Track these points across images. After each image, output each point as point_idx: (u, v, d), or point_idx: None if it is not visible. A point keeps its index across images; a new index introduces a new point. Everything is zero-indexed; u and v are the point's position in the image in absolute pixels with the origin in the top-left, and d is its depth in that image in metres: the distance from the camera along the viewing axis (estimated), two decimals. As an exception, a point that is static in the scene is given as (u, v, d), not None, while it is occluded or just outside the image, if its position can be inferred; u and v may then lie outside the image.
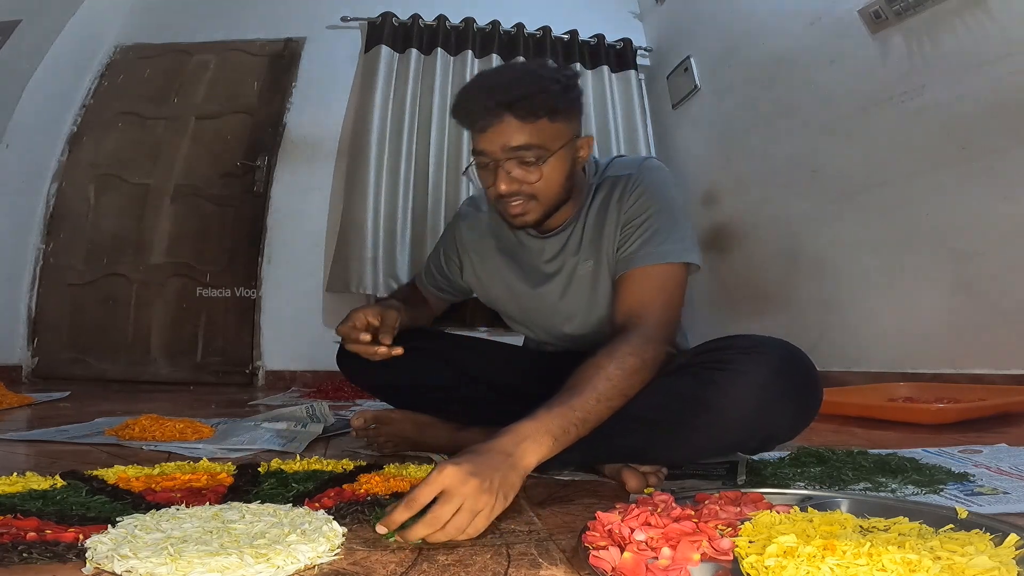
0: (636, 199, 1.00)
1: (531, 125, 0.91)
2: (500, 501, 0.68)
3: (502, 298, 1.18)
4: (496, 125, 0.91)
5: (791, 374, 0.84)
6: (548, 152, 0.93)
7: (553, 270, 1.09)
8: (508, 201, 0.96)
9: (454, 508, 0.64)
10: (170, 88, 3.27)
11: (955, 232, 2.01)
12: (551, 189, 0.97)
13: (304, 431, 1.46)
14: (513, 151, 0.92)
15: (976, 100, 1.91)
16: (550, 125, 0.92)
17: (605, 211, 1.03)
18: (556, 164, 0.95)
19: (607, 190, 1.04)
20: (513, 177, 0.94)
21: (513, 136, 0.91)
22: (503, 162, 0.93)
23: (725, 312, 3.04)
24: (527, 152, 0.92)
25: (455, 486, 0.65)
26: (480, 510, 0.66)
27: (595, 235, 1.04)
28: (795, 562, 0.51)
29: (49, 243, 3.08)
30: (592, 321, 1.10)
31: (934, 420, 1.53)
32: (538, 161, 0.93)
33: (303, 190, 3.14)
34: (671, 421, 0.85)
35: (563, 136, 0.95)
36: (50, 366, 2.99)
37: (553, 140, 0.93)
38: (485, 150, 0.94)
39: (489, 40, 3.30)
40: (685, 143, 3.33)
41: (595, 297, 1.07)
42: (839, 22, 2.34)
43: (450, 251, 1.23)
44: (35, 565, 0.57)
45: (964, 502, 0.80)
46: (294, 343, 3.00)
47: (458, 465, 0.66)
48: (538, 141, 0.92)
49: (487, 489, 0.66)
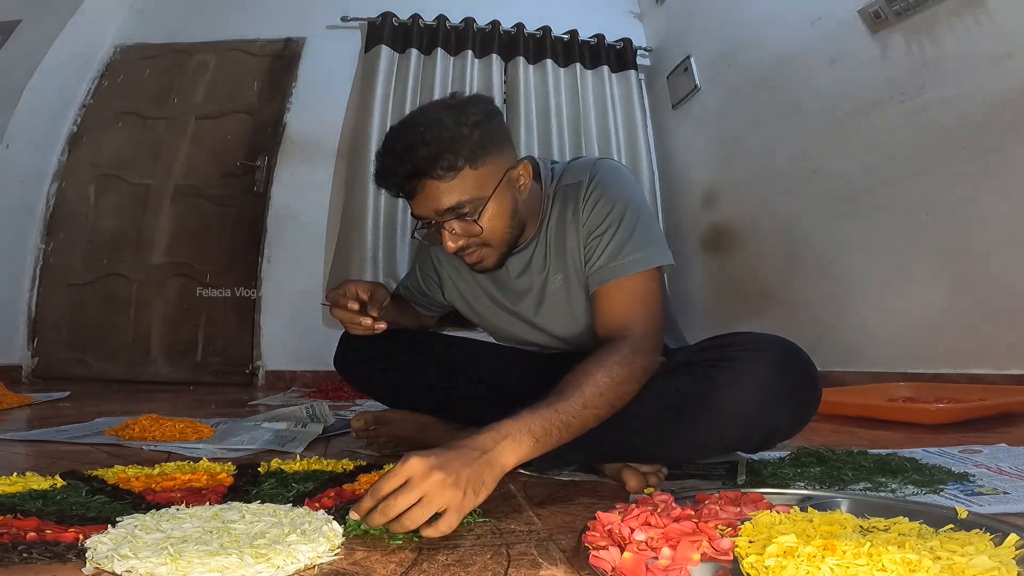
0: (593, 206, 0.96)
1: (455, 181, 0.87)
2: (469, 497, 0.66)
3: (486, 313, 1.15)
4: (421, 192, 0.88)
5: (791, 371, 0.84)
6: (483, 199, 0.90)
7: (523, 288, 1.08)
8: (462, 255, 0.95)
9: (411, 500, 0.63)
10: (170, 88, 3.27)
11: (955, 232, 2.01)
12: (498, 233, 0.94)
13: (304, 431, 1.46)
14: (447, 212, 0.89)
15: (976, 100, 1.90)
16: (474, 173, 0.88)
17: (564, 224, 1.00)
18: (496, 208, 0.91)
19: (562, 201, 1.01)
20: (457, 234, 0.92)
21: (441, 199, 0.88)
22: (443, 223, 0.91)
23: (725, 312, 3.04)
24: (461, 208, 0.89)
25: (417, 478, 0.64)
26: (445, 505, 0.64)
27: (559, 249, 1.01)
28: (795, 562, 0.51)
29: (49, 243, 3.09)
30: (574, 332, 1.08)
31: (934, 420, 1.53)
32: (475, 212, 0.90)
33: (303, 190, 3.14)
34: (672, 419, 0.86)
35: (494, 176, 0.90)
36: (50, 366, 2.99)
37: (483, 186, 0.89)
38: (422, 215, 0.92)
39: (489, 40, 3.30)
40: (685, 143, 3.32)
41: (571, 311, 1.05)
42: (839, 22, 2.33)
43: (427, 269, 1.20)
44: (35, 565, 0.57)
45: (964, 502, 0.80)
46: (294, 343, 3.00)
47: (425, 458, 0.65)
48: (468, 195, 0.88)
49: (452, 484, 0.65)
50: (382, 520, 0.64)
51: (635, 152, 3.28)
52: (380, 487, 0.65)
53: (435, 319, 1.31)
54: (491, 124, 0.91)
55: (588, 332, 1.06)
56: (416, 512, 0.63)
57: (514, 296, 1.09)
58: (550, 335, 1.11)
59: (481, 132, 0.88)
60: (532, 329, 1.12)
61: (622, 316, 0.91)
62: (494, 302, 1.12)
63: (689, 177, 3.24)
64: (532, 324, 1.11)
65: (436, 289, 1.20)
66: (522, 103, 3.21)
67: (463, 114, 0.89)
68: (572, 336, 1.09)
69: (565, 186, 1.01)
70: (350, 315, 0.97)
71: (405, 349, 1.18)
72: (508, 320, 1.13)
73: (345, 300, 0.97)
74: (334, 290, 1.00)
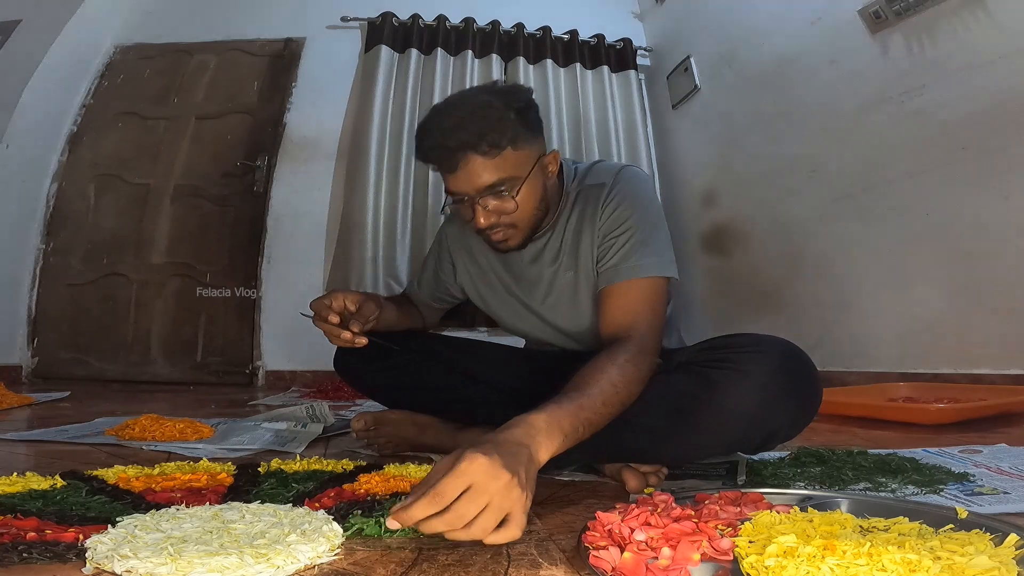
0: (613, 210, 1.00)
1: (497, 159, 0.92)
2: (530, 498, 0.63)
3: (494, 298, 1.18)
4: (463, 167, 0.92)
5: (791, 372, 0.84)
6: (519, 180, 0.94)
7: (534, 276, 1.11)
8: (489, 232, 0.99)
9: (481, 506, 0.58)
10: (170, 88, 3.27)
11: (955, 232, 2.01)
12: (528, 214, 0.98)
13: (304, 431, 1.46)
14: (486, 189, 0.93)
15: (976, 100, 1.90)
16: (515, 154, 0.93)
17: (582, 222, 1.04)
18: (529, 190, 0.96)
19: (583, 201, 1.05)
20: (490, 211, 0.96)
21: (483, 175, 0.92)
22: (478, 199, 0.94)
23: (725, 312, 3.04)
24: (499, 187, 0.94)
25: (485, 481, 0.59)
26: (511, 509, 0.60)
27: (573, 246, 1.05)
28: (795, 562, 0.51)
29: (49, 243, 3.08)
30: (575, 328, 1.11)
31: (934, 420, 1.53)
32: (511, 192, 0.94)
33: (303, 190, 3.14)
34: (672, 419, 0.86)
35: (529, 160, 0.96)
36: (50, 366, 2.99)
37: (521, 167, 0.94)
38: (458, 190, 0.95)
39: (489, 40, 3.30)
40: (685, 143, 3.32)
41: (576, 306, 1.08)
42: (839, 22, 2.33)
43: (443, 254, 1.23)
44: (35, 565, 0.57)
45: (964, 502, 0.80)
46: (294, 343, 2.99)
47: (488, 457, 0.60)
48: (507, 174, 0.93)
49: (517, 485, 0.61)
50: (446, 528, 0.58)
51: (635, 152, 3.28)
52: (444, 492, 0.58)
53: (438, 316, 1.32)
54: (531, 112, 0.96)
55: (589, 331, 1.09)
56: (487, 519, 0.58)
57: (524, 284, 1.12)
58: (552, 327, 1.14)
59: (523, 118, 0.94)
60: (536, 319, 1.14)
61: (629, 316, 0.93)
62: (504, 288, 1.15)
63: (689, 177, 3.25)
64: (537, 314, 1.13)
65: (450, 273, 1.22)
66: (522, 103, 3.21)
67: (510, 99, 0.94)
68: (573, 331, 1.11)
69: (588, 186, 1.05)
70: (329, 327, 0.97)
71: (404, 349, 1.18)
72: (514, 307, 1.16)
73: (326, 312, 0.97)
74: (319, 300, 1.00)
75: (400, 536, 0.68)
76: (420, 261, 2.99)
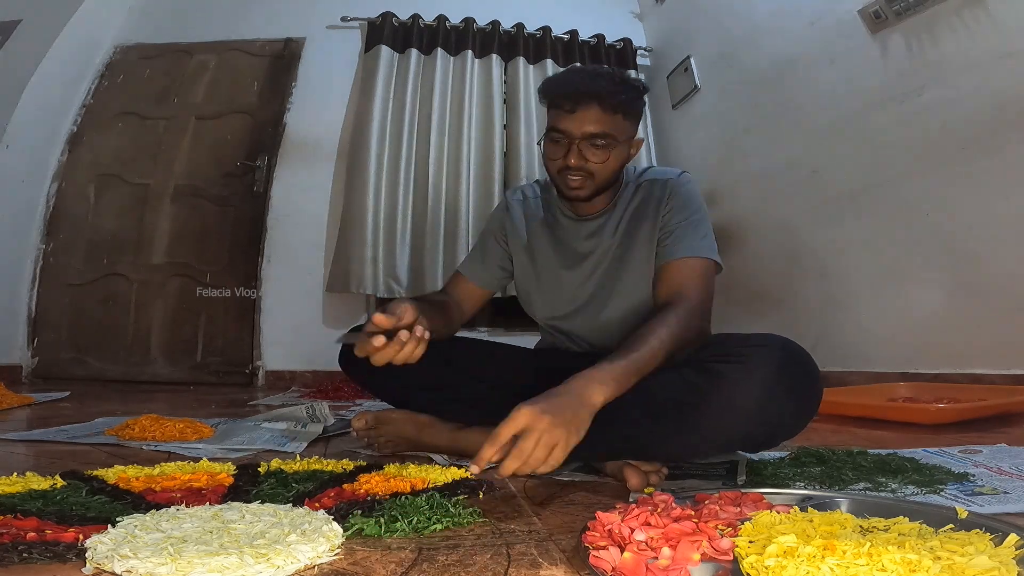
0: (677, 203, 1.14)
1: (610, 117, 1.06)
2: (573, 435, 0.77)
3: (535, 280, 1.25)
4: (583, 111, 1.06)
5: (794, 369, 0.86)
6: (616, 142, 1.08)
7: (586, 251, 1.20)
8: (569, 174, 1.10)
9: (534, 442, 0.74)
10: (170, 88, 3.26)
11: (955, 232, 2.01)
12: (607, 172, 1.11)
13: (304, 431, 1.46)
14: (591, 135, 1.06)
15: (976, 100, 1.90)
16: (623, 121, 1.08)
17: (645, 209, 1.16)
18: (617, 153, 1.10)
19: (647, 190, 1.18)
20: (583, 155, 1.08)
21: (595, 123, 1.06)
22: (578, 142, 1.07)
23: (725, 312, 3.02)
24: (601, 139, 1.07)
25: (532, 423, 0.75)
26: (555, 443, 0.75)
27: (632, 228, 1.16)
28: (795, 562, 0.51)
29: (49, 243, 3.08)
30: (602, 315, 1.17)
31: (934, 420, 1.53)
32: (606, 147, 1.08)
33: (303, 190, 3.14)
34: (678, 412, 0.86)
35: (628, 132, 1.11)
36: (50, 366, 2.99)
37: (622, 132, 1.09)
38: (567, 129, 1.07)
39: (489, 40, 3.30)
40: (685, 143, 3.32)
41: (617, 287, 1.17)
42: (839, 22, 2.33)
43: (498, 232, 1.31)
44: (35, 565, 0.57)
45: (964, 502, 0.80)
46: (294, 343, 3.00)
47: (532, 405, 0.77)
48: (611, 131, 1.07)
49: (560, 423, 0.76)
50: (516, 465, 0.74)
51: (635, 152, 3.28)
52: (499, 435, 0.75)
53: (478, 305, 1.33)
54: (642, 100, 1.14)
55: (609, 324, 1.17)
56: (539, 452, 0.75)
57: (573, 259, 1.21)
58: (582, 312, 1.20)
59: (638, 100, 1.12)
60: (566, 303, 1.21)
61: (683, 284, 1.06)
62: (549, 270, 1.23)
63: (689, 177, 3.24)
64: (569, 298, 1.21)
65: (504, 248, 1.29)
66: (522, 103, 3.21)
67: (636, 81, 1.13)
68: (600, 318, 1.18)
69: (651, 180, 1.19)
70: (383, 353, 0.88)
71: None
72: (551, 285, 1.23)
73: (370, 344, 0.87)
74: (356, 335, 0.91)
75: (400, 536, 0.68)
76: (420, 261, 3.00)
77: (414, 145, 3.12)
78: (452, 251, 3.01)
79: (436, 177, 3.08)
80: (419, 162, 3.11)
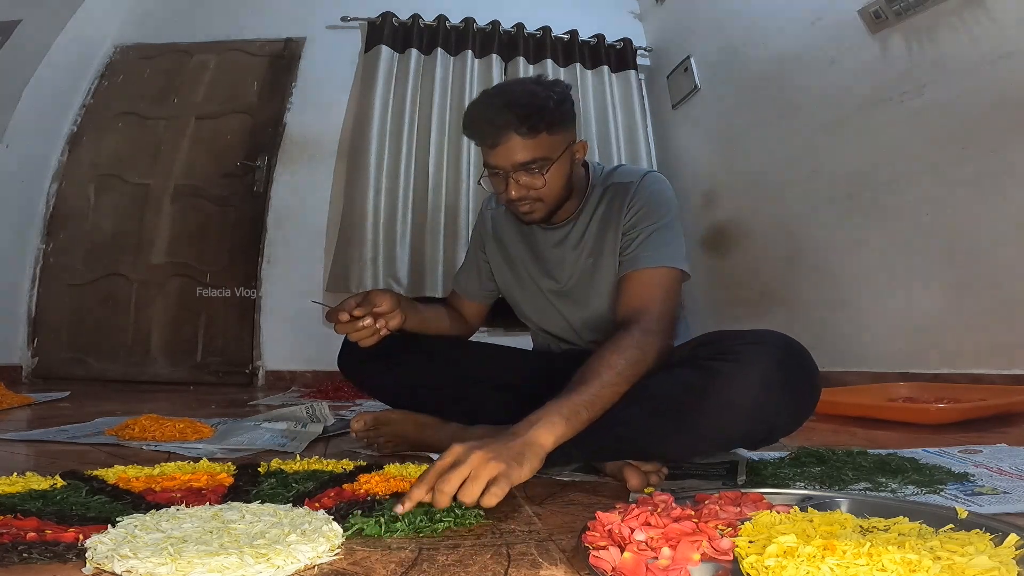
0: (640, 207, 1.11)
1: (534, 140, 1.03)
2: (514, 468, 0.72)
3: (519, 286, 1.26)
4: (504, 143, 1.03)
5: (791, 365, 0.86)
6: (550, 161, 1.05)
7: (557, 259, 1.19)
8: (518, 204, 1.09)
9: (463, 475, 0.70)
10: (170, 88, 3.26)
11: (955, 232, 2.01)
12: (554, 191, 1.09)
13: (304, 431, 1.46)
14: (520, 165, 1.04)
15: (976, 100, 1.90)
16: (549, 138, 1.04)
17: (608, 215, 1.14)
18: (557, 170, 1.07)
19: (611, 196, 1.15)
20: (521, 184, 1.06)
21: (519, 153, 1.03)
22: (512, 173, 1.05)
23: (725, 312, 3.04)
24: (532, 164, 1.04)
25: (463, 456, 0.72)
26: (491, 476, 0.70)
27: (598, 235, 1.14)
28: (795, 562, 0.51)
29: (49, 243, 3.08)
30: (588, 317, 1.18)
31: (934, 420, 1.53)
32: (541, 170, 1.05)
33: (303, 190, 3.14)
34: (677, 410, 0.86)
35: (561, 145, 1.07)
36: (50, 366, 2.99)
37: (553, 150, 1.05)
38: (496, 165, 1.06)
39: (489, 40, 3.30)
40: (685, 143, 3.32)
41: (591, 292, 1.16)
42: (839, 22, 2.33)
43: (479, 244, 1.32)
44: (35, 565, 0.57)
45: (964, 502, 0.80)
46: (294, 343, 3.00)
47: (464, 443, 0.75)
48: (541, 154, 1.04)
49: (495, 458, 0.72)
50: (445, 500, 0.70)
51: (635, 152, 3.28)
52: (431, 474, 0.72)
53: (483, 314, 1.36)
54: (567, 104, 1.08)
55: (599, 320, 1.17)
56: (470, 487, 0.70)
57: (548, 267, 1.21)
58: (566, 318, 1.21)
59: (560, 107, 1.06)
60: (553, 309, 1.22)
61: (643, 299, 1.03)
62: (529, 276, 1.24)
63: (689, 177, 3.24)
64: (555, 305, 1.22)
65: (485, 262, 1.31)
66: (522, 103, 3.21)
67: (551, 90, 1.06)
68: (586, 319, 1.19)
69: (615, 184, 1.16)
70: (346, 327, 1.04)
71: (407, 349, 1.18)
72: (534, 295, 1.24)
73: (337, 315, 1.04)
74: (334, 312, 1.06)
75: (400, 536, 0.68)
76: (420, 261, 3.00)
77: (414, 145, 3.12)
78: (452, 251, 3.01)
79: (436, 177, 3.08)
80: (419, 162, 3.11)
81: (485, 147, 1.06)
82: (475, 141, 1.08)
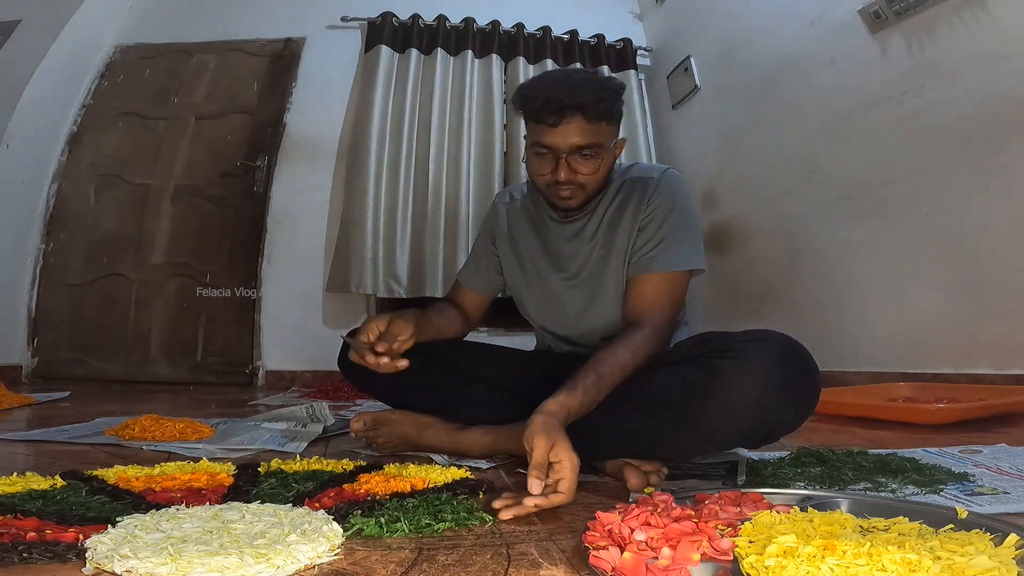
0: (655, 206, 1.11)
1: (595, 126, 1.04)
2: None
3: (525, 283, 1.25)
4: (567, 123, 1.03)
5: (791, 363, 0.86)
6: (603, 150, 1.07)
7: (569, 253, 1.19)
8: (560, 188, 1.08)
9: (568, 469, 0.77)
10: (170, 88, 3.26)
11: (955, 232, 2.01)
12: (598, 181, 1.10)
13: (304, 431, 1.46)
14: (577, 148, 1.04)
15: (976, 100, 1.90)
16: (607, 127, 1.06)
17: (624, 210, 1.14)
18: (605, 161, 1.08)
19: (627, 191, 1.15)
20: (572, 168, 1.06)
21: (580, 135, 1.03)
22: (566, 155, 1.05)
23: (725, 312, 3.04)
24: (587, 149, 1.05)
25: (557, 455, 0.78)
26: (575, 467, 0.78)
27: (610, 230, 1.15)
28: (795, 562, 0.51)
29: (49, 243, 3.08)
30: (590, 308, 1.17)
31: (934, 420, 1.53)
32: (595, 157, 1.06)
33: (303, 190, 3.14)
34: (677, 407, 0.86)
35: (613, 136, 1.09)
36: (50, 366, 2.99)
37: (607, 140, 1.07)
38: (552, 144, 1.04)
39: (489, 40, 3.30)
40: (685, 143, 3.32)
41: (598, 287, 1.16)
42: (839, 22, 2.33)
43: (489, 237, 1.31)
44: (35, 565, 0.57)
45: (964, 502, 0.80)
46: (294, 343, 3.00)
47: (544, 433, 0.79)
48: (598, 140, 1.05)
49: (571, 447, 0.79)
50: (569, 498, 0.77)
51: (635, 152, 3.28)
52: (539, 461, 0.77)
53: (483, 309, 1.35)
54: (621, 100, 1.10)
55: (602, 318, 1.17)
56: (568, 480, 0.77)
57: (559, 261, 1.20)
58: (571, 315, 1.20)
59: (619, 101, 1.08)
60: (558, 306, 1.22)
61: (651, 303, 1.06)
62: (537, 273, 1.23)
63: (689, 177, 3.21)
64: (556, 296, 1.21)
65: (495, 256, 1.30)
66: (522, 103, 3.21)
67: (613, 83, 1.09)
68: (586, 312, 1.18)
69: (633, 179, 1.16)
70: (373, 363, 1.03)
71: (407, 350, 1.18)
72: (541, 291, 1.23)
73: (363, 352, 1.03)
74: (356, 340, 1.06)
75: (400, 536, 0.68)
76: (420, 261, 3.00)
77: (414, 145, 3.12)
78: (452, 251, 3.01)
79: (436, 177, 3.08)
80: (419, 162, 3.11)
81: (545, 125, 1.03)
82: (532, 119, 1.06)
